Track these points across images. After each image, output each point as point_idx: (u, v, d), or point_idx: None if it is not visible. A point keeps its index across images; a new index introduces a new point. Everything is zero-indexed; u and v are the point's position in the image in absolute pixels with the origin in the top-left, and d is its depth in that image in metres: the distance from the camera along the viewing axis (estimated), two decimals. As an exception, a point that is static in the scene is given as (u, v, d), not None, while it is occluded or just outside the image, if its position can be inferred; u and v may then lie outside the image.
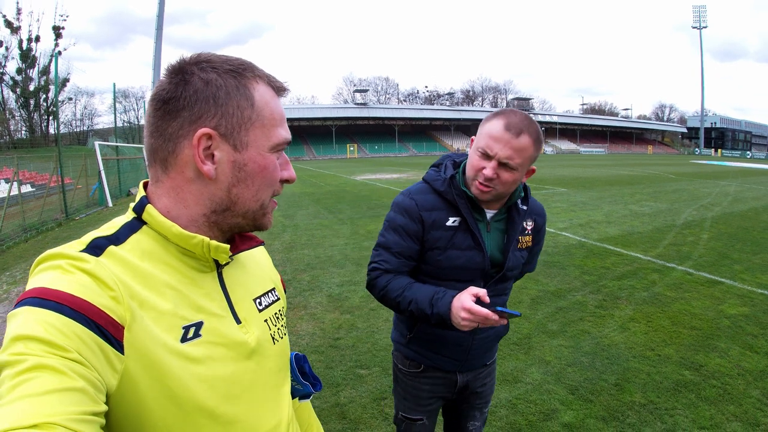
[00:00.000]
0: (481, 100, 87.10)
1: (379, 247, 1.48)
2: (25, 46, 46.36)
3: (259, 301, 0.80)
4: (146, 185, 0.72)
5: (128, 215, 0.70)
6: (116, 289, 0.59)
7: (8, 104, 47.62)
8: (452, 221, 1.41)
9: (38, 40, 47.37)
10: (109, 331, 0.56)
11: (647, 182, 17.69)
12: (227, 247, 0.70)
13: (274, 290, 0.86)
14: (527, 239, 1.51)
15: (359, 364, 3.40)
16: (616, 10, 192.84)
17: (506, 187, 1.34)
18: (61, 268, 0.58)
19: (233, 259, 0.77)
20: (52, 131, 45.64)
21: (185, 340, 0.64)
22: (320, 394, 2.99)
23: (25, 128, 48.56)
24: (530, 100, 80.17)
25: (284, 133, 0.72)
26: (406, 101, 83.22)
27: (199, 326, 0.66)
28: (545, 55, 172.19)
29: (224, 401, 0.67)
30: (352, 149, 59.16)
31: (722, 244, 7.10)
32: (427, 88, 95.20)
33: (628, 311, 4.38)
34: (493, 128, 1.30)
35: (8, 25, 45.17)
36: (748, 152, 65.99)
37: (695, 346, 3.64)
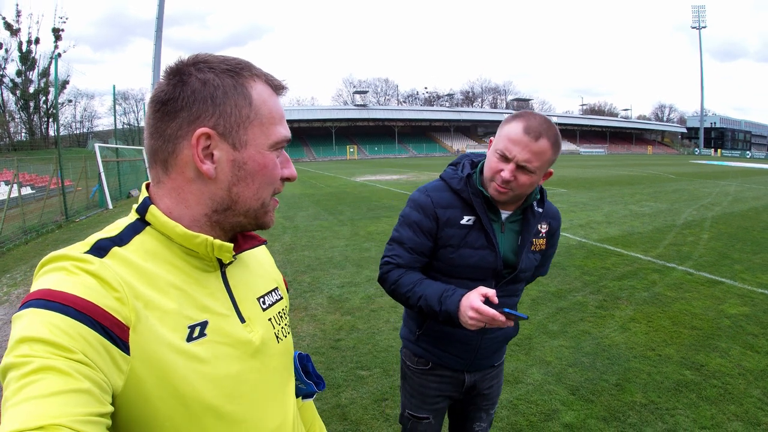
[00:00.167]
0: (480, 101, 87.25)
1: (392, 241, 1.49)
2: (24, 48, 46.46)
3: (262, 300, 0.80)
4: (149, 186, 0.72)
5: (131, 216, 0.70)
6: (121, 290, 0.59)
7: (8, 106, 47.72)
8: (467, 220, 1.42)
9: (38, 42, 47.48)
10: (114, 332, 0.56)
11: (647, 182, 17.70)
12: (231, 246, 0.71)
13: (277, 289, 0.86)
14: (541, 242, 1.51)
15: (360, 365, 3.40)
16: (615, 10, 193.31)
17: (523, 189, 1.35)
18: (65, 269, 0.58)
19: (236, 258, 0.77)
20: (52, 133, 45.68)
21: (191, 339, 0.64)
22: (321, 395, 2.99)
23: (25, 130, 48.64)
24: (530, 100, 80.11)
25: (283, 131, 0.72)
26: (405, 102, 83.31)
27: (204, 326, 0.66)
28: (544, 55, 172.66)
29: (230, 400, 0.67)
30: (351, 150, 59.17)
31: (722, 243, 7.10)
32: (426, 89, 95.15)
33: (628, 311, 4.38)
34: (512, 131, 1.30)
35: (8, 27, 45.24)
36: (747, 152, 66.00)
37: (696, 346, 3.64)
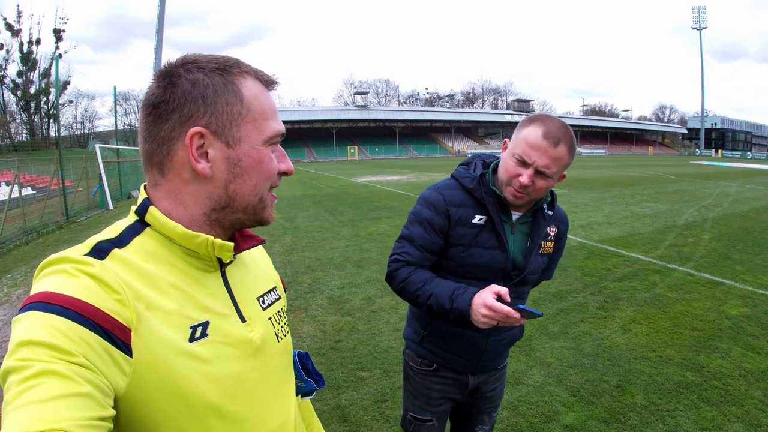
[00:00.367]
0: (481, 101, 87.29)
1: (402, 239, 1.47)
2: (25, 48, 46.60)
3: (262, 299, 0.80)
4: (147, 189, 0.73)
5: (130, 218, 0.70)
6: (121, 291, 0.59)
7: (9, 107, 47.85)
8: (478, 219, 1.41)
9: (39, 42, 47.63)
10: (115, 334, 0.56)
11: (648, 183, 17.68)
12: (231, 245, 0.71)
13: (275, 289, 0.86)
14: (549, 245, 1.50)
15: (360, 366, 3.40)
16: (615, 11, 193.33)
17: (539, 193, 1.35)
18: (65, 272, 0.58)
19: (236, 258, 0.78)
20: (52, 134, 45.81)
21: (193, 339, 0.64)
22: (321, 396, 2.98)
23: (25, 131, 48.78)
24: (530, 101, 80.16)
25: (277, 125, 0.72)
26: (406, 103, 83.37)
27: (205, 326, 0.67)
28: (545, 56, 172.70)
29: (232, 400, 0.68)
30: (352, 151, 59.21)
31: (723, 244, 7.09)
32: (427, 90, 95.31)
33: (629, 312, 4.37)
34: (531, 136, 1.28)
35: (9, 27, 45.38)
36: (748, 153, 65.92)
37: (696, 347, 3.64)
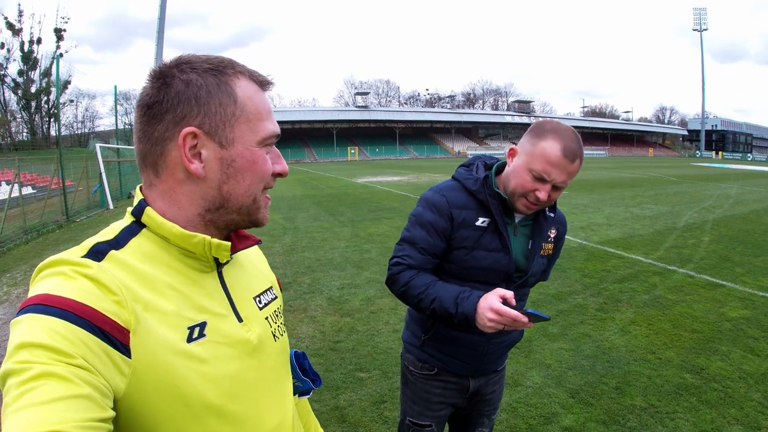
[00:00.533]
0: (482, 102, 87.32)
1: (403, 241, 1.44)
2: (26, 48, 46.66)
3: (258, 299, 0.81)
4: (143, 190, 0.73)
5: (127, 219, 0.70)
6: (119, 293, 0.59)
7: (10, 106, 47.88)
8: (481, 221, 1.39)
9: (40, 42, 47.69)
10: (114, 335, 0.56)
11: (648, 185, 17.68)
12: (228, 244, 0.71)
13: (271, 289, 0.87)
14: (549, 246, 1.50)
15: (359, 367, 3.39)
16: (616, 12, 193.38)
17: (550, 203, 1.35)
18: (63, 274, 0.58)
19: (232, 258, 0.78)
20: (53, 133, 45.86)
21: (191, 340, 0.64)
22: (320, 397, 2.98)
23: (26, 130, 48.81)
24: (531, 102, 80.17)
25: (271, 126, 0.72)
26: (407, 104, 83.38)
27: (203, 326, 0.67)
28: (546, 57, 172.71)
29: (231, 399, 0.68)
30: (353, 152, 59.23)
31: (723, 246, 7.09)
32: (428, 90, 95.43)
33: (628, 314, 4.37)
34: (550, 152, 1.25)
35: (10, 26, 45.44)
36: (749, 155, 65.93)
37: (696, 349, 3.64)
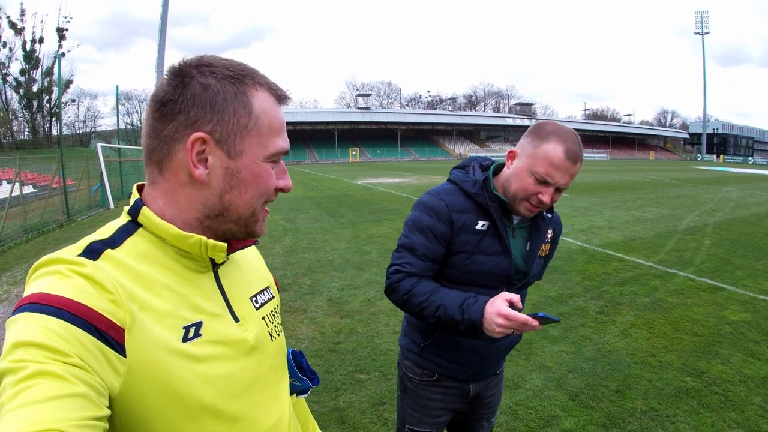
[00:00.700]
0: (483, 105, 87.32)
1: (401, 248, 1.38)
2: (28, 47, 46.76)
3: (255, 299, 0.81)
4: (140, 189, 0.73)
5: (123, 218, 0.70)
6: (115, 292, 0.59)
7: (11, 105, 47.98)
8: (481, 225, 1.36)
9: (42, 41, 47.79)
10: (109, 334, 0.56)
11: (649, 188, 17.67)
12: (224, 245, 0.71)
13: (268, 288, 0.87)
14: (546, 247, 1.49)
15: (359, 368, 3.39)
16: (618, 15, 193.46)
17: (551, 204, 1.33)
18: (59, 273, 0.58)
19: (229, 258, 0.78)
20: (54, 133, 45.94)
21: (186, 340, 0.64)
22: (319, 398, 2.98)
23: (27, 129, 48.90)
24: (532, 105, 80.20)
25: (282, 143, 0.72)
26: (408, 106, 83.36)
27: (198, 326, 0.67)
28: (547, 60, 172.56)
29: (227, 399, 0.68)
30: (354, 153, 59.27)
31: (724, 250, 7.08)
32: (429, 92, 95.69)
33: (629, 317, 4.36)
34: (553, 155, 1.24)
35: (12, 26, 45.55)
36: (750, 158, 65.85)
37: (697, 352, 3.63)
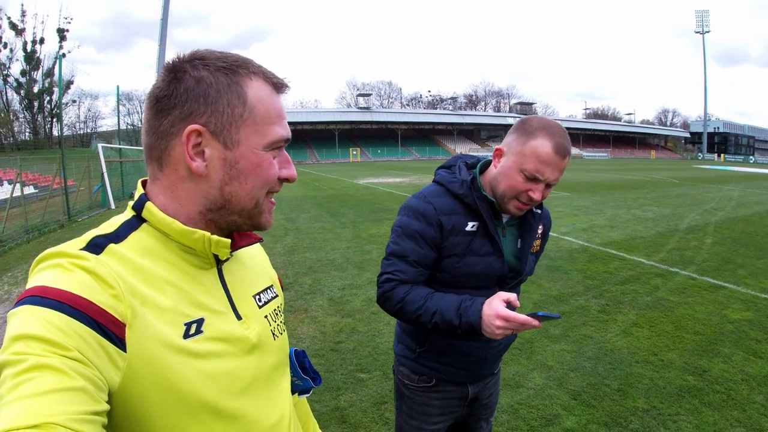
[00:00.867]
0: (484, 104, 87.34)
1: (391, 256, 1.34)
2: (29, 48, 46.77)
3: (258, 297, 0.80)
4: (144, 184, 0.73)
5: (127, 213, 0.70)
6: (117, 286, 0.59)
7: (12, 106, 48.02)
8: (471, 226, 1.32)
9: (42, 42, 47.79)
10: (110, 329, 0.56)
11: (650, 187, 17.65)
12: (228, 241, 0.71)
13: (272, 287, 0.86)
14: (537, 243, 1.47)
15: (360, 368, 3.39)
16: (619, 14, 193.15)
17: (541, 200, 1.30)
18: (61, 266, 0.58)
19: (233, 255, 0.77)
20: (55, 133, 45.98)
21: (187, 336, 0.64)
22: (320, 397, 2.98)
23: (28, 130, 48.95)
24: (533, 104, 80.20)
25: (281, 130, 0.71)
26: (409, 105, 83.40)
27: (200, 323, 0.67)
28: (548, 59, 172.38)
29: (227, 396, 0.67)
30: (355, 153, 59.29)
31: (726, 248, 7.07)
32: (430, 92, 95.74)
33: (631, 316, 4.36)
34: (542, 151, 1.21)
35: (13, 26, 45.58)
36: (751, 157, 65.71)
37: (699, 351, 3.62)
